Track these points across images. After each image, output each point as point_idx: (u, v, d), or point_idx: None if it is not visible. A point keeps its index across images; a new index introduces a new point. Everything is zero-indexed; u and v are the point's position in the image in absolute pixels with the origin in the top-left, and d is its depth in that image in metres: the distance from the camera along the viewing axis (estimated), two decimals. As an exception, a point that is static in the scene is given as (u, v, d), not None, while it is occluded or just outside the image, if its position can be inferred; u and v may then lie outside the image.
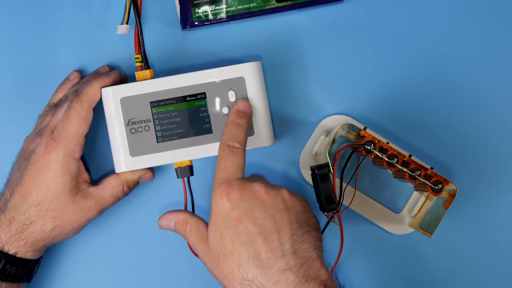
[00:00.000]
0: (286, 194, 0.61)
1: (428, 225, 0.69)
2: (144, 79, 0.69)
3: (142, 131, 0.68)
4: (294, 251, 0.58)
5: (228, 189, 0.60)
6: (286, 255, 0.58)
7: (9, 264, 0.65)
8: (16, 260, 0.65)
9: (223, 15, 0.72)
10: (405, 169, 0.68)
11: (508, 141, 0.75)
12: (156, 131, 0.68)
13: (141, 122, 0.68)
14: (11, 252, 0.65)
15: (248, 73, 0.68)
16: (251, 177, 0.63)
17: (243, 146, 0.63)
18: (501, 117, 0.75)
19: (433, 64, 0.75)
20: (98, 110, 0.71)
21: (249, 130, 0.68)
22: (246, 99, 0.68)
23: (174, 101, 0.68)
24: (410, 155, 0.68)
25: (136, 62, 0.70)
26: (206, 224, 0.64)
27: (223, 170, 0.62)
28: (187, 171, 0.69)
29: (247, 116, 0.66)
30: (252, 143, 0.68)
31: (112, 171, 0.72)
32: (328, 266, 0.60)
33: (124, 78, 0.74)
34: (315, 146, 0.73)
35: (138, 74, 0.69)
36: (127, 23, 0.71)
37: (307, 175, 0.73)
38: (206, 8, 0.72)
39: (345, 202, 0.72)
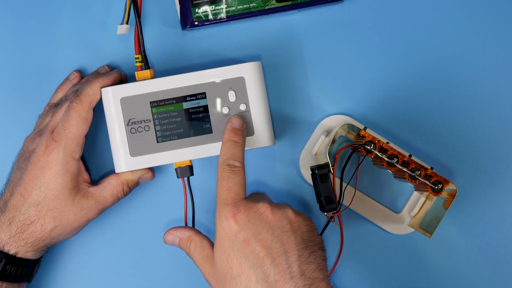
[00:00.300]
0: (291, 214, 0.61)
1: (428, 225, 0.69)
2: (144, 79, 0.69)
3: (142, 131, 0.68)
4: (301, 273, 0.58)
5: (234, 211, 0.60)
6: (294, 277, 0.58)
7: (10, 264, 0.65)
8: (16, 260, 0.65)
9: (223, 15, 0.72)
10: (405, 169, 0.68)
11: (508, 141, 0.75)
12: (156, 131, 0.68)
13: (141, 122, 0.68)
14: (11, 252, 0.65)
15: (248, 73, 0.68)
16: (254, 196, 0.63)
17: (242, 164, 0.63)
18: (501, 117, 0.75)
19: (433, 64, 0.75)
20: (98, 110, 0.71)
21: (249, 130, 0.68)
22: (239, 116, 0.68)
23: (174, 101, 0.68)
24: (410, 155, 0.68)
25: (136, 62, 0.70)
26: (211, 243, 0.64)
27: (226, 191, 0.62)
28: (187, 171, 0.69)
29: (242, 133, 0.66)
30: (252, 143, 0.68)
31: (112, 171, 0.72)
32: (328, 266, 0.60)
33: (124, 78, 0.74)
34: (315, 146, 0.73)
35: (138, 74, 0.69)
36: (127, 23, 0.71)
37: (307, 175, 0.73)
38: (206, 8, 0.72)
39: (345, 202, 0.72)
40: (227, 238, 0.60)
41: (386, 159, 0.68)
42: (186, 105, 0.68)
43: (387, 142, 0.69)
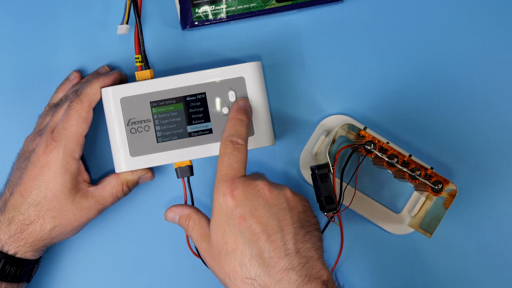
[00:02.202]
0: (289, 193, 0.61)
1: (428, 225, 0.69)
2: (144, 79, 0.69)
3: (142, 131, 0.68)
4: (297, 251, 0.58)
5: (232, 187, 0.60)
6: (289, 254, 0.58)
7: (9, 264, 0.65)
8: (15, 260, 0.65)
9: (223, 15, 0.72)
10: (405, 169, 0.68)
11: (508, 141, 0.75)
12: (156, 131, 0.68)
13: (141, 122, 0.68)
14: (11, 252, 0.65)
15: (248, 73, 0.68)
16: (253, 175, 0.63)
17: (245, 143, 0.63)
18: (501, 117, 0.75)
19: (433, 64, 0.75)
20: (98, 110, 0.71)
21: (249, 130, 0.68)
22: (246, 98, 0.68)
23: (174, 101, 0.68)
24: (410, 155, 0.68)
25: (136, 62, 0.70)
26: (209, 221, 0.63)
27: (226, 167, 0.62)
28: (187, 171, 0.69)
29: (248, 113, 0.66)
30: (252, 143, 0.68)
31: (112, 171, 0.72)
32: (328, 266, 0.60)
33: (124, 78, 0.74)
34: (315, 146, 0.73)
35: (138, 74, 0.69)
36: (127, 23, 0.71)
37: (307, 175, 0.73)
38: (206, 8, 0.72)
39: (345, 202, 0.72)
40: (223, 213, 0.60)
41: (386, 159, 0.68)
42: (186, 105, 0.68)
43: (387, 142, 0.69)
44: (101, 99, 0.68)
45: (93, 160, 0.74)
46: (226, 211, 0.60)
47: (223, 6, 0.72)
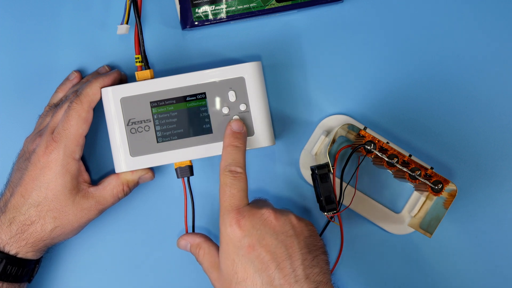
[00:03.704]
0: (294, 220, 0.62)
1: (428, 225, 0.69)
2: (144, 79, 0.69)
3: (142, 131, 0.68)
4: (306, 276, 0.59)
5: (238, 217, 0.61)
6: (298, 280, 0.59)
7: (10, 264, 0.65)
8: (16, 261, 0.65)
9: (223, 15, 0.72)
10: (405, 169, 0.68)
11: (508, 141, 0.75)
12: (156, 131, 0.68)
13: (141, 122, 0.68)
14: (12, 252, 0.65)
15: (248, 73, 0.68)
16: (257, 202, 0.64)
17: (244, 170, 0.64)
18: (501, 117, 0.75)
19: (433, 64, 0.75)
20: (98, 110, 0.71)
21: (249, 131, 0.68)
22: (238, 118, 0.68)
23: (174, 101, 0.68)
24: (410, 155, 0.68)
25: (136, 62, 0.70)
26: (218, 249, 0.64)
27: (229, 198, 0.62)
28: (187, 171, 0.69)
29: (243, 137, 0.66)
30: (252, 143, 0.68)
31: (112, 171, 0.72)
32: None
33: (124, 78, 0.74)
34: (315, 146, 0.73)
35: (138, 74, 0.69)
36: (127, 23, 0.71)
37: (307, 175, 0.73)
38: (206, 8, 0.72)
39: (345, 202, 0.72)
40: (231, 244, 0.60)
41: (386, 159, 0.68)
42: (186, 105, 0.68)
43: (387, 142, 0.69)
44: (101, 99, 0.68)
45: (93, 160, 0.74)
46: (234, 242, 0.60)
47: (223, 6, 0.72)
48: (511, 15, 0.75)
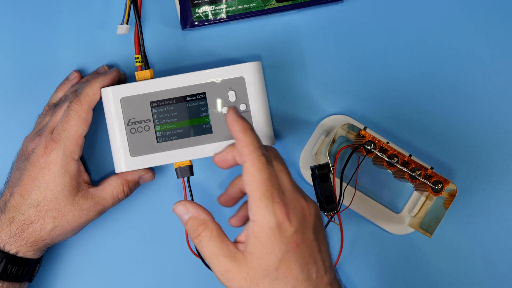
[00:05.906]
0: (317, 208, 0.60)
1: (428, 225, 0.69)
2: (144, 79, 0.69)
3: (142, 131, 0.68)
4: (330, 266, 0.59)
5: (286, 209, 0.56)
6: (327, 271, 0.59)
7: (10, 263, 0.65)
8: (17, 260, 0.65)
9: (223, 15, 0.72)
10: (405, 169, 0.68)
11: (508, 141, 0.75)
12: (156, 131, 0.68)
13: (141, 122, 0.68)
14: (12, 251, 0.65)
15: (248, 73, 0.68)
16: (296, 190, 0.59)
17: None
18: (501, 117, 0.75)
19: (433, 64, 0.75)
20: (98, 110, 0.71)
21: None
22: (229, 108, 0.61)
23: (174, 101, 0.68)
24: (410, 155, 0.68)
25: (136, 62, 0.70)
26: (227, 238, 0.58)
27: (270, 186, 0.56)
28: (187, 171, 0.69)
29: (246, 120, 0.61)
30: (252, 143, 0.68)
31: (112, 172, 0.72)
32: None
33: (123, 77, 0.73)
34: (315, 146, 0.73)
35: (138, 74, 0.69)
36: (127, 23, 0.71)
37: (307, 175, 0.73)
38: (206, 8, 0.72)
39: (345, 202, 0.72)
40: (275, 237, 0.56)
41: (386, 159, 0.68)
42: (186, 105, 0.68)
43: (387, 142, 0.69)
44: (101, 99, 0.68)
45: (93, 160, 0.74)
46: (281, 238, 0.56)
47: (223, 6, 0.72)
48: (511, 15, 0.75)
